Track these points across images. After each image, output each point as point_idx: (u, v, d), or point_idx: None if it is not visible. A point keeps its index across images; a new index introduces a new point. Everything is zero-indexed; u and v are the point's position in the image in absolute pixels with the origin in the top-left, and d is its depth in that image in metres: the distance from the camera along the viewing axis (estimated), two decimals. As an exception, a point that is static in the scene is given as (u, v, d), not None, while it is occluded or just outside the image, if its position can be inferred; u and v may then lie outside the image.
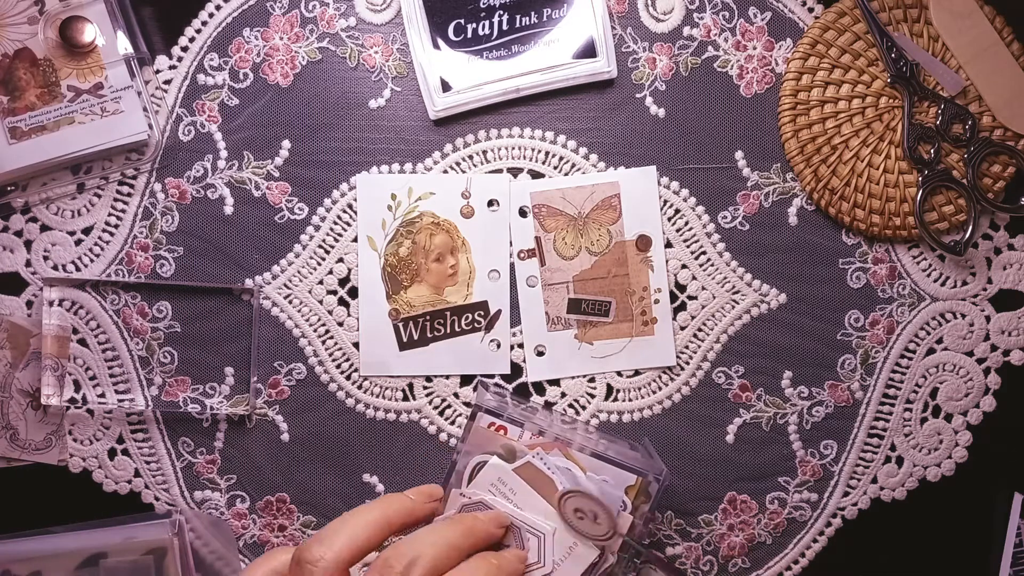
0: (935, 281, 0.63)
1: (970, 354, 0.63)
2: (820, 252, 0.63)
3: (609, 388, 0.63)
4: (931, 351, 0.63)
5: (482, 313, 0.62)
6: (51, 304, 0.61)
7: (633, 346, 0.62)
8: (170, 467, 0.63)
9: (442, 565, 0.46)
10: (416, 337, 0.62)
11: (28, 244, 0.62)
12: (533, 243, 0.62)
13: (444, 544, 0.47)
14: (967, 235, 0.61)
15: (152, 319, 0.62)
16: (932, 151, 0.61)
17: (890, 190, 0.61)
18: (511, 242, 0.62)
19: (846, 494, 0.63)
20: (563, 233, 0.63)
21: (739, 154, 0.63)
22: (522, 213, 0.63)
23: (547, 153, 0.63)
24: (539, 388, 0.63)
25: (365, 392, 0.63)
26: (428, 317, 0.62)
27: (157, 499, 0.63)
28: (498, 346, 0.63)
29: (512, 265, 0.62)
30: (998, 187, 0.62)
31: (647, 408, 0.63)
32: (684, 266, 0.63)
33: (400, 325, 0.62)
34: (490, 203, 0.63)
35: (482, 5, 0.61)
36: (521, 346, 0.63)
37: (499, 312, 0.62)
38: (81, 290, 0.62)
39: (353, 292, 0.62)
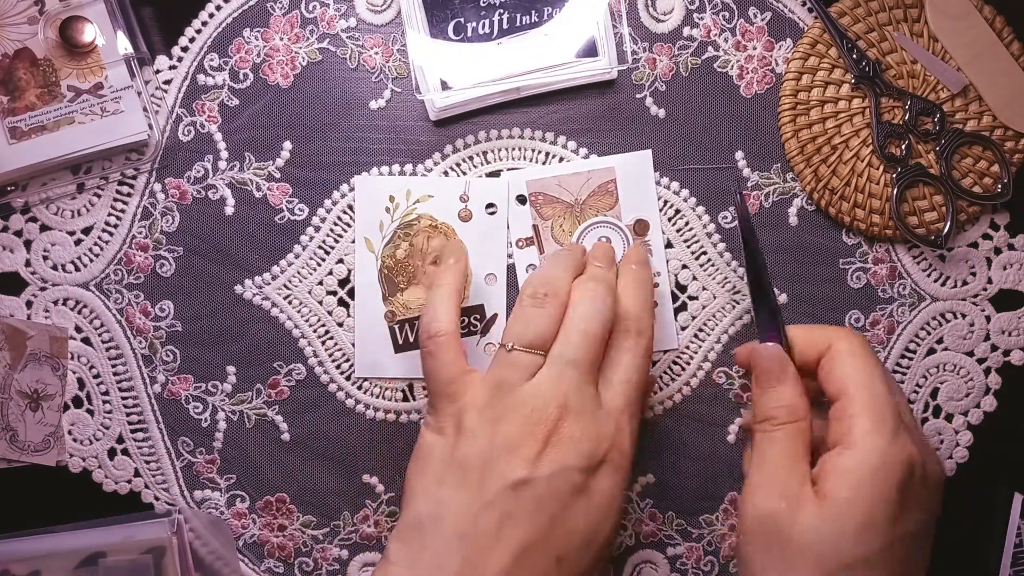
0: (935, 281, 0.63)
1: (970, 354, 0.63)
2: (820, 252, 0.63)
3: (609, 388, 0.63)
4: (931, 351, 0.63)
5: (478, 317, 0.62)
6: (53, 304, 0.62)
7: None
8: (170, 467, 0.63)
9: None
10: (412, 340, 0.62)
11: (28, 244, 0.62)
12: (531, 231, 0.62)
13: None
14: (946, 228, 0.61)
15: (155, 318, 0.62)
16: (903, 148, 0.61)
17: (890, 190, 0.61)
18: (509, 243, 0.62)
19: (846, 495, 0.63)
20: (560, 220, 0.62)
21: (739, 154, 0.63)
22: (520, 200, 0.62)
23: (547, 154, 0.63)
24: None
25: (365, 393, 0.63)
26: (424, 320, 0.62)
27: (157, 499, 0.63)
28: (494, 349, 0.62)
29: (510, 267, 0.62)
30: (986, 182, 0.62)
31: (648, 409, 0.63)
32: (684, 266, 0.63)
33: (396, 327, 0.62)
34: (488, 207, 0.62)
35: (482, 3, 0.61)
36: (521, 346, 0.63)
37: (495, 316, 0.62)
38: (85, 289, 0.62)
39: (353, 293, 0.62)
